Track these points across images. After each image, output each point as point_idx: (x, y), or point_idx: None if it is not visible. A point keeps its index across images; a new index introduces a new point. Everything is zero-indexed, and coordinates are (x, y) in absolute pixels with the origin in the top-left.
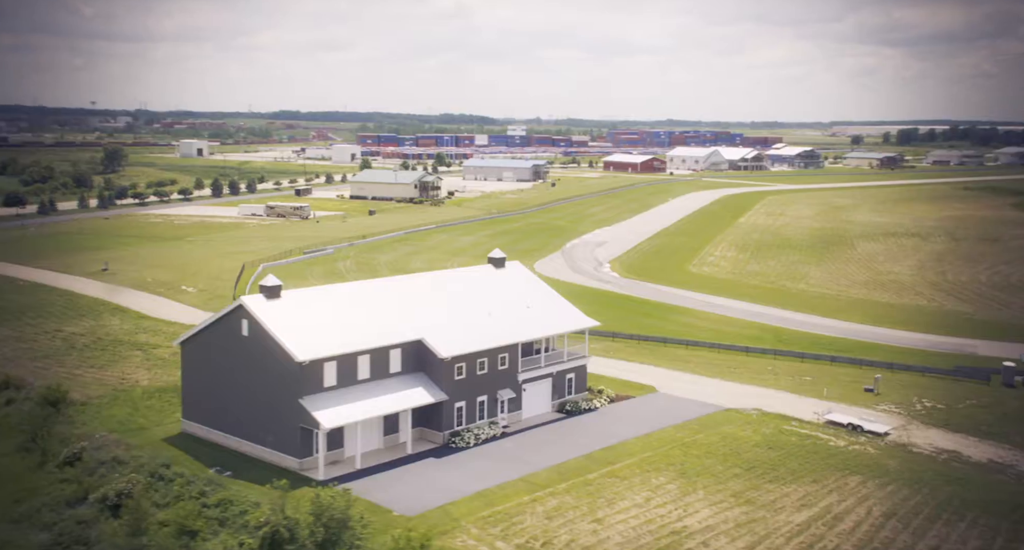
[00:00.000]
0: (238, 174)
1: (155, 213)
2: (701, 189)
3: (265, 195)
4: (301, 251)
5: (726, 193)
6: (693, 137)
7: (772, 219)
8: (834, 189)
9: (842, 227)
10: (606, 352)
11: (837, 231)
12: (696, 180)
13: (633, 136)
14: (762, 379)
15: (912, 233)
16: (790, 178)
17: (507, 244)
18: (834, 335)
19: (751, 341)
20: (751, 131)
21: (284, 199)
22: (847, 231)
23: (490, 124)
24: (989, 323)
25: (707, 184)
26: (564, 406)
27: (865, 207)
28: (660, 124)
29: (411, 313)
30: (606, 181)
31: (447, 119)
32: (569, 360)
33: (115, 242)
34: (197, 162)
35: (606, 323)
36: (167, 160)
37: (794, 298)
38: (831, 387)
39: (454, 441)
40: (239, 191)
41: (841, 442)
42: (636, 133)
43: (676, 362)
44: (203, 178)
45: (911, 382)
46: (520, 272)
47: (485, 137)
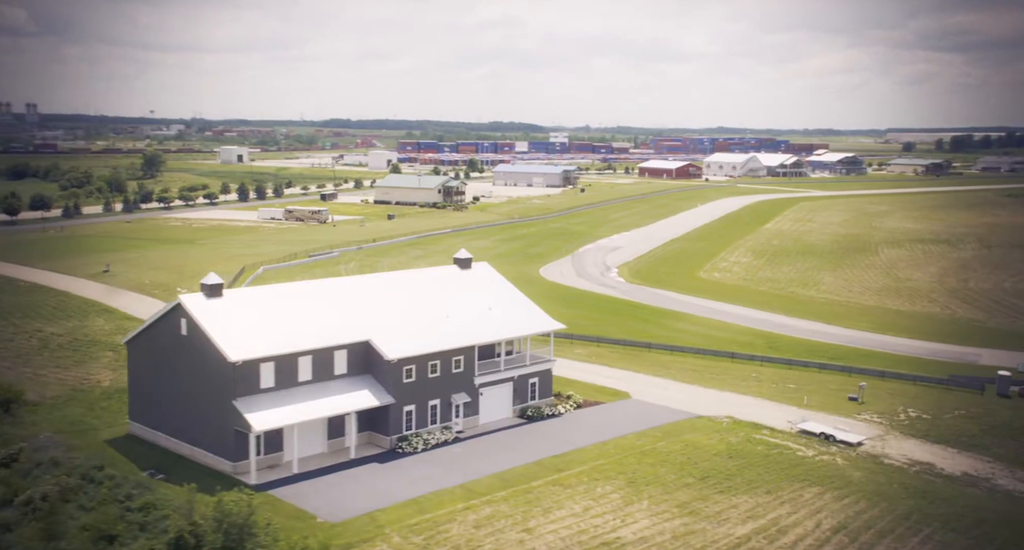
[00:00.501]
0: (273, 179)
1: (177, 217)
2: (733, 195)
3: (292, 199)
4: (307, 254)
5: (758, 199)
6: (737, 144)
7: (798, 225)
8: (871, 195)
9: (868, 233)
10: (588, 357)
11: (862, 237)
12: (731, 186)
13: (676, 142)
14: (743, 386)
15: (941, 240)
16: (829, 185)
17: (519, 248)
18: (832, 342)
19: (741, 347)
20: (802, 138)
21: (309, 203)
22: (872, 237)
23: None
24: (1000, 331)
25: (741, 190)
26: (526, 411)
27: (899, 214)
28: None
29: (361, 314)
30: (638, 187)
31: (495, 127)
32: (532, 364)
33: (126, 244)
34: (236, 168)
35: (596, 328)
36: (207, 166)
37: (800, 304)
38: (814, 395)
39: (401, 446)
40: (265, 196)
41: (810, 452)
42: (679, 140)
43: (658, 368)
44: (236, 183)
45: (900, 391)
46: (486, 274)
47: (526, 144)
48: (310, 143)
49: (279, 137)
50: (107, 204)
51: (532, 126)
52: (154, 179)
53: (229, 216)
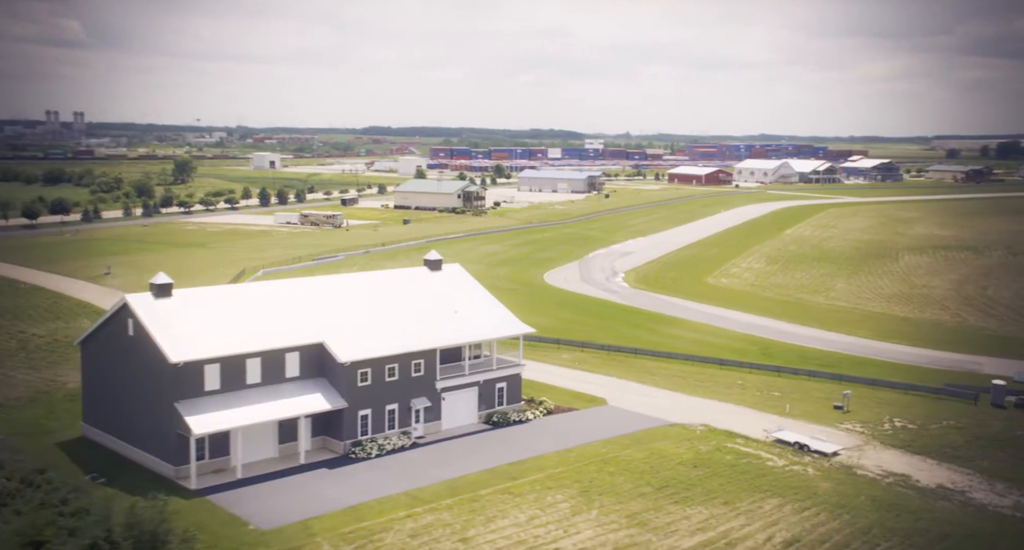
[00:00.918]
0: (302, 185)
1: (195, 221)
2: (760, 201)
3: (314, 204)
4: (312, 257)
5: (784, 205)
6: (774, 150)
7: (820, 231)
8: (902, 202)
9: (892, 240)
10: (572, 362)
11: (885, 243)
12: (760, 192)
13: (711, 149)
14: (726, 393)
15: (967, 246)
16: (862, 191)
17: (528, 253)
18: (829, 349)
19: (734, 354)
20: (845, 145)
21: (330, 208)
22: (895, 243)
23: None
24: (1010, 340)
25: (769, 196)
26: (492, 417)
27: (928, 220)
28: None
29: (318, 315)
30: (664, 193)
31: (536, 134)
32: (499, 368)
33: (136, 248)
34: (267, 174)
35: (586, 333)
36: (239, 172)
37: (804, 311)
38: (799, 403)
39: (355, 451)
40: (287, 201)
41: (781, 462)
42: (715, 146)
43: (642, 374)
44: (265, 188)
45: (890, 400)
46: (457, 275)
47: (559, 150)
48: (346, 150)
49: (316, 144)
50: (127, 208)
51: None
52: (184, 184)
53: (246, 220)
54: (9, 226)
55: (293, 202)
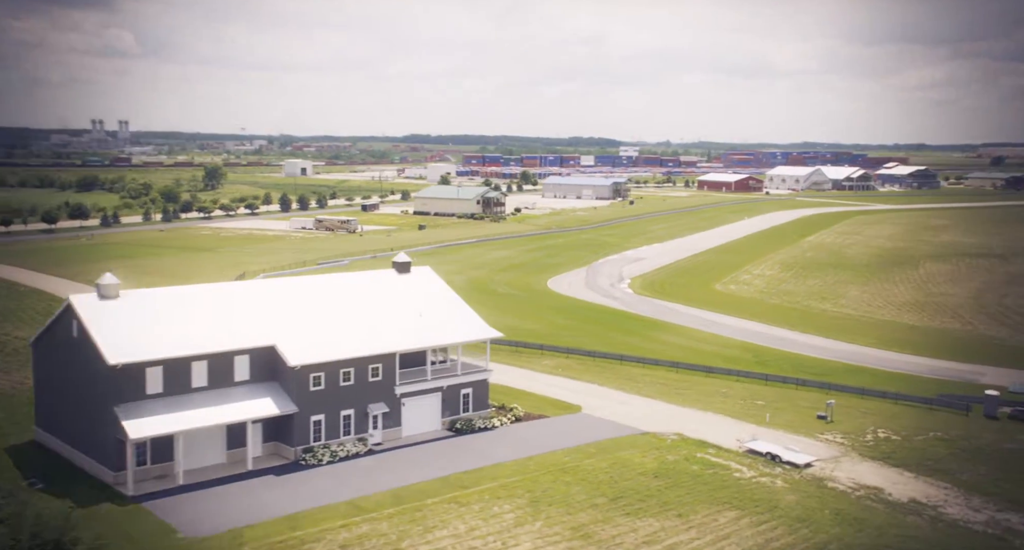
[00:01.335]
0: (329, 191)
1: (212, 226)
2: (787, 208)
3: (334, 210)
4: (316, 262)
5: (811, 212)
6: (811, 157)
7: (842, 238)
8: (935, 209)
9: (915, 247)
10: (555, 369)
11: (907, 251)
12: (789, 199)
13: (747, 156)
14: (708, 402)
15: (994, 254)
16: (896, 198)
17: (537, 258)
18: (826, 357)
19: (725, 361)
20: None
21: (350, 214)
22: (918, 251)
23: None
24: (1018, 349)
25: (798, 203)
26: (455, 424)
27: (958, 228)
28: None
29: (272, 318)
30: (691, 199)
31: (574, 142)
32: (464, 374)
33: (145, 252)
34: (298, 181)
35: (576, 339)
36: (271, 179)
37: (809, 318)
38: (782, 412)
39: (305, 458)
40: (308, 206)
41: (749, 473)
42: (751, 154)
43: (624, 381)
44: (285, 194)
45: (878, 410)
46: (426, 278)
47: (592, 157)
48: (381, 157)
49: (352, 152)
50: (147, 214)
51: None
52: (212, 191)
53: (263, 225)
54: (28, 231)
55: (314, 208)
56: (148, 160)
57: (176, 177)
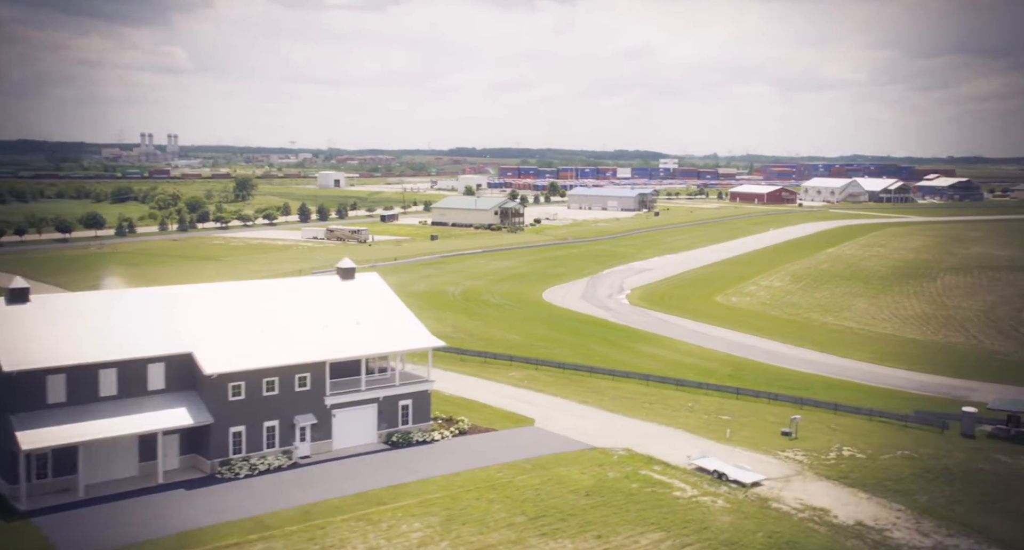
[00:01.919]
0: (354, 202)
1: (226, 236)
2: (818, 220)
3: (355, 221)
4: (312, 271)
5: (841, 224)
6: (854, 170)
7: (864, 250)
8: (972, 221)
9: (940, 259)
10: (520, 381)
11: (928, 263)
12: (822, 211)
13: (788, 168)
14: (670, 416)
15: (1020, 267)
16: (935, 211)
17: (540, 268)
18: (811, 371)
19: (700, 374)
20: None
21: (368, 225)
22: (940, 263)
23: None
24: (1020, 365)
25: (830, 215)
26: (392, 437)
27: (991, 240)
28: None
29: (194, 324)
30: (719, 211)
31: (619, 155)
32: (403, 384)
33: (148, 260)
34: (330, 192)
35: (549, 350)
36: (304, 190)
37: (805, 331)
38: (746, 428)
39: (221, 471)
40: (327, 217)
41: (691, 492)
42: (793, 166)
43: (589, 394)
44: (304, 204)
45: (849, 426)
46: (370, 285)
47: (628, 169)
48: (420, 169)
49: (392, 164)
50: (162, 223)
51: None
52: (243, 202)
53: (276, 235)
54: (42, 240)
55: (334, 218)
56: (187, 172)
57: (209, 188)
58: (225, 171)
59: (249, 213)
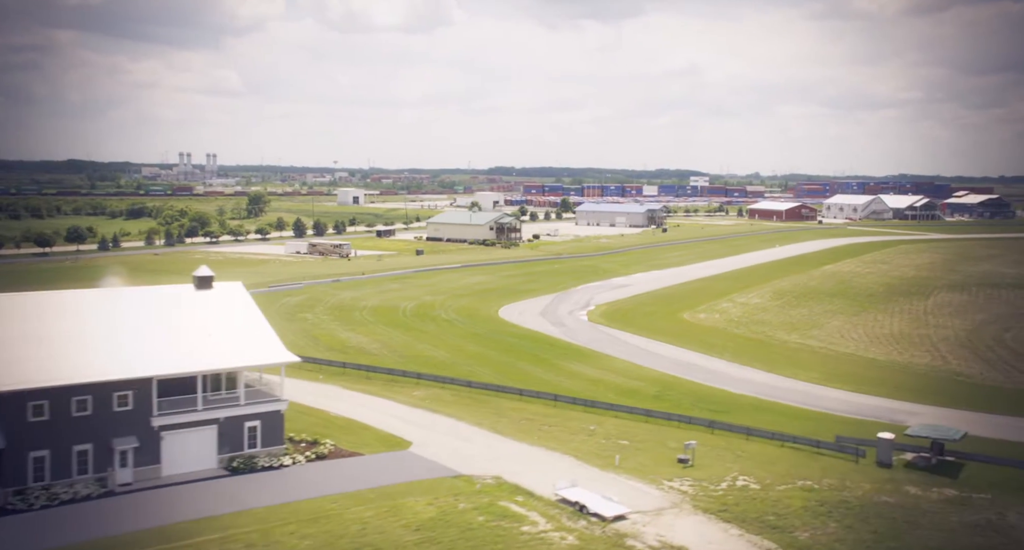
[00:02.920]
0: (370, 218)
1: (209, 250)
2: (832, 237)
3: (351, 236)
4: (268, 285)
5: (854, 241)
6: (892, 188)
7: (864, 267)
8: (993, 239)
9: (941, 276)
10: (419, 400)
11: (928, 280)
12: (839, 228)
13: (821, 187)
14: (563, 440)
15: (1021, 285)
16: (960, 228)
17: (511, 284)
18: (744, 392)
19: (620, 395)
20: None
21: (361, 240)
22: (940, 280)
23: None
24: (980, 388)
25: (847, 232)
26: (232, 462)
27: (1005, 258)
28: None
29: (7, 336)
30: (732, 228)
31: (660, 174)
32: (250, 404)
33: (105, 273)
34: (347, 209)
35: (472, 368)
36: (322, 207)
37: (761, 350)
38: (641, 454)
39: (13, 502)
40: (324, 232)
41: (544, 527)
42: (826, 185)
43: (487, 415)
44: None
45: (756, 453)
46: (229, 296)
47: (655, 187)
48: (448, 187)
49: (424, 182)
50: (149, 237)
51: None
52: (254, 217)
53: (260, 250)
54: (20, 254)
55: (331, 233)
56: (211, 190)
57: (220, 205)
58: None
59: (249, 228)
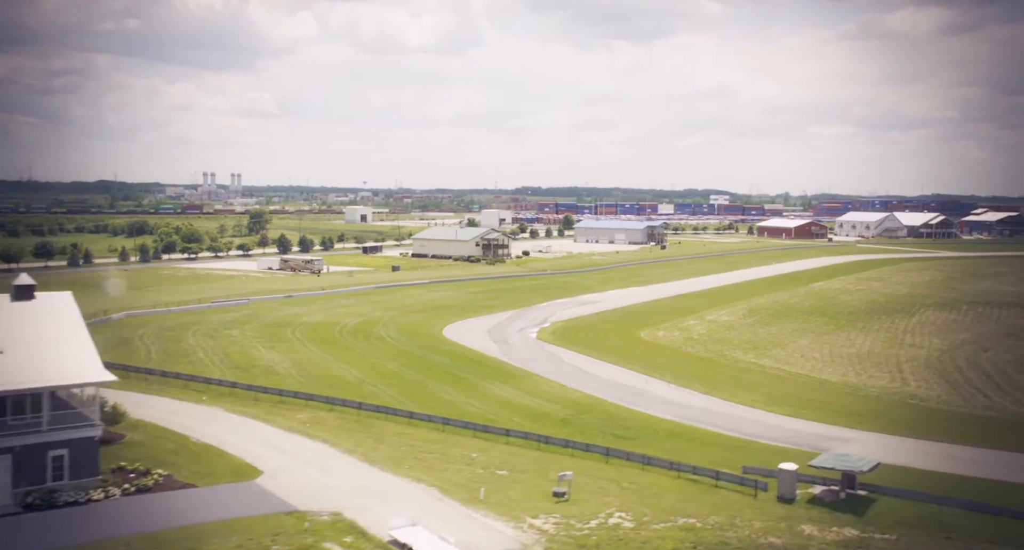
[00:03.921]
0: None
1: (181, 266)
2: (836, 254)
3: (339, 253)
4: (210, 300)
5: (857, 258)
6: (914, 207)
7: (855, 285)
8: (1004, 257)
9: (933, 294)
10: (302, 424)
11: (919, 298)
12: (848, 246)
13: (838, 205)
14: (436, 470)
15: (1018, 303)
16: (976, 246)
17: (475, 301)
18: (669, 416)
19: (526, 418)
20: None
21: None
22: (930, 298)
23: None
24: (932, 413)
25: (853, 250)
26: (28, 496)
27: (1012, 276)
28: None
29: None
30: (739, 245)
31: (688, 194)
32: (53, 430)
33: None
34: (353, 227)
35: (379, 390)
36: (328, 225)
37: (709, 370)
38: (516, 485)
39: None
40: (310, 248)
41: None
42: (848, 203)
43: (363, 440)
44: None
45: (646, 485)
46: (52, 308)
47: (671, 206)
48: (465, 206)
49: (442, 201)
50: (122, 253)
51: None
52: (255, 235)
53: (233, 266)
54: None
55: (317, 250)
56: (222, 208)
57: (223, 223)
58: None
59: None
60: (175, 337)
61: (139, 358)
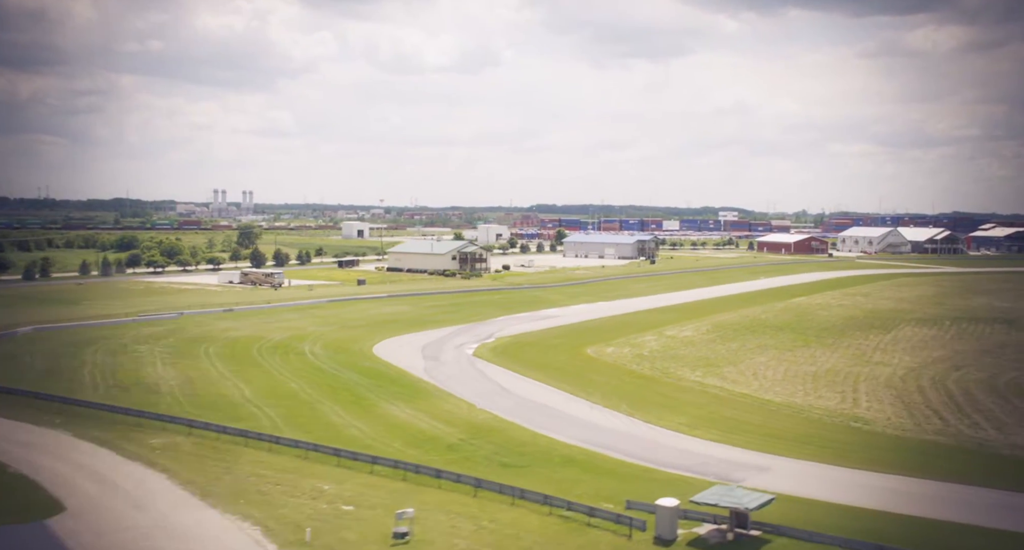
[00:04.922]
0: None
1: (142, 280)
2: (831, 269)
3: (312, 267)
4: (137, 313)
5: (851, 274)
6: (923, 223)
7: (837, 300)
8: (1005, 273)
9: (918, 309)
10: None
11: (901, 314)
12: (847, 261)
13: (848, 221)
14: (271, 505)
15: (1007, 319)
16: (982, 262)
17: (426, 315)
18: (576, 442)
19: (414, 442)
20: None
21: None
22: (913, 314)
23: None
24: (885, 440)
25: (850, 265)
26: None
27: (1008, 293)
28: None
29: None
30: (734, 260)
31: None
32: None
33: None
34: (348, 242)
35: (267, 410)
36: (324, 240)
37: (645, 389)
38: (357, 525)
39: None
40: (286, 263)
41: None
42: (859, 220)
43: (207, 471)
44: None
45: (507, 523)
46: None
47: (676, 222)
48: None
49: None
50: (83, 266)
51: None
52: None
53: (194, 280)
54: None
55: (293, 263)
56: (221, 223)
57: (211, 238)
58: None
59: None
60: (71, 353)
61: (9, 377)
